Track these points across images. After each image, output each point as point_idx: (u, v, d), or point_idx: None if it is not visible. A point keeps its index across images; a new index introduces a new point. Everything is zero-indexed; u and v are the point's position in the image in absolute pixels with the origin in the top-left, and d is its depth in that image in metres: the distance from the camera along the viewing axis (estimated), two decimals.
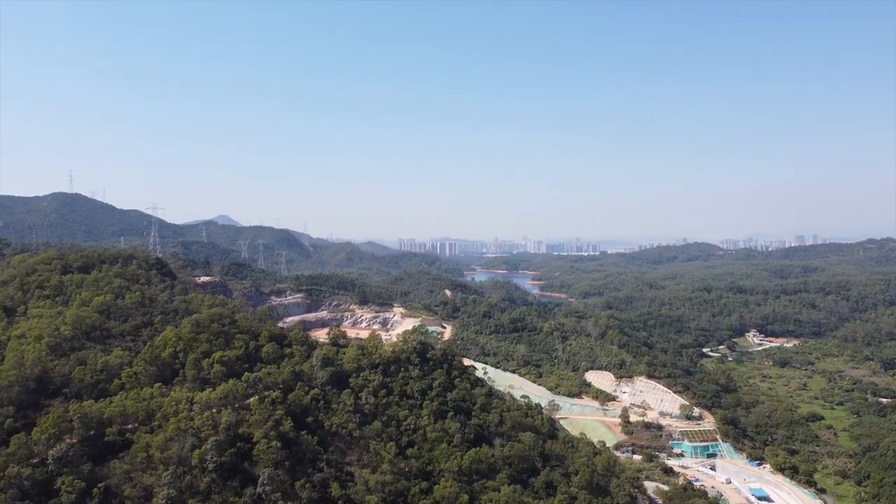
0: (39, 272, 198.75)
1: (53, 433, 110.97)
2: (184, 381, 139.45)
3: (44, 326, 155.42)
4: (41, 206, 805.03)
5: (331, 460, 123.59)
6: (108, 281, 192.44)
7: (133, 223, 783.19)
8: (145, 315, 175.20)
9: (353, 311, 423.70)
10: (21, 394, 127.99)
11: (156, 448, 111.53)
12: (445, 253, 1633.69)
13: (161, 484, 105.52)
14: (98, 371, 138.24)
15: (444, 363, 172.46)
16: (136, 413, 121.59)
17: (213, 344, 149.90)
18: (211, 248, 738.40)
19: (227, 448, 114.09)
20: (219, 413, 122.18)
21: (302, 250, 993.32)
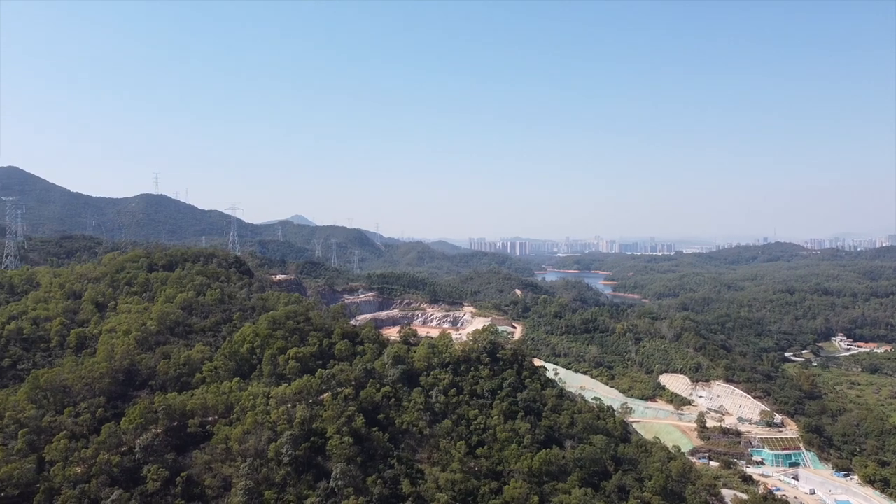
0: (128, 270, 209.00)
1: (140, 423, 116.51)
2: (260, 375, 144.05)
3: (132, 321, 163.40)
4: (130, 206, 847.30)
5: (401, 457, 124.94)
6: (191, 278, 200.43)
7: (213, 223, 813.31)
8: (225, 312, 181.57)
9: (423, 309, 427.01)
10: (111, 385, 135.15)
11: (234, 440, 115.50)
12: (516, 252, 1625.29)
13: (239, 475, 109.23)
14: (181, 365, 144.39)
15: (515, 363, 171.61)
16: (216, 406, 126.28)
17: (288, 340, 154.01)
18: (286, 247, 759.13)
19: (302, 442, 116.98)
20: (294, 408, 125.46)
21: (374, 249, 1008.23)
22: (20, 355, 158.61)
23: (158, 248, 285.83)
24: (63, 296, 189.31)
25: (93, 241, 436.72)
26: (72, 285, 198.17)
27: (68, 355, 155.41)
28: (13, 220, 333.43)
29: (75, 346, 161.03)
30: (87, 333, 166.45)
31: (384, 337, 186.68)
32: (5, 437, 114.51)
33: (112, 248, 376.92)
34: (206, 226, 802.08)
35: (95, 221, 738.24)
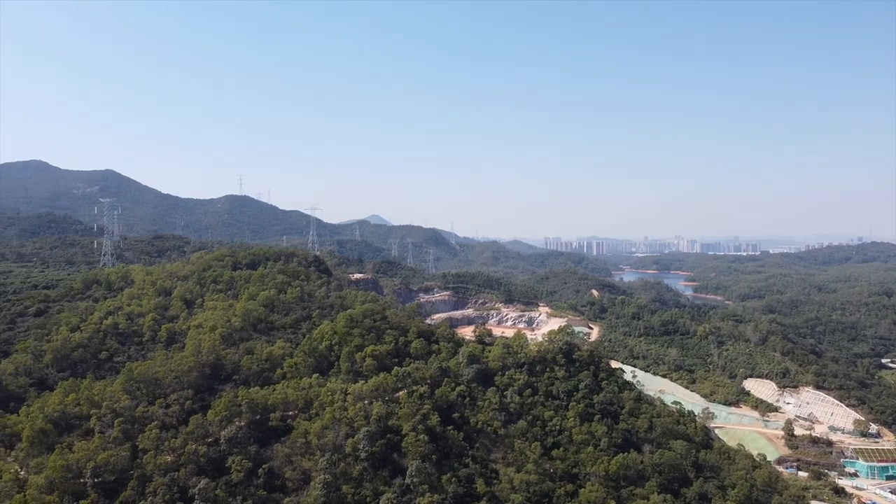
0: (214, 268, 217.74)
1: (225, 416, 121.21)
2: (338, 372, 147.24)
3: (217, 318, 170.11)
4: (216, 207, 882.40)
5: (476, 456, 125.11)
6: (273, 277, 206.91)
7: (294, 223, 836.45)
8: (304, 309, 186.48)
9: (498, 309, 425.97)
10: (198, 378, 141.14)
11: (313, 435, 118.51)
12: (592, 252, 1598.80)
13: (318, 469, 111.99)
14: (263, 360, 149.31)
15: (591, 365, 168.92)
16: (295, 401, 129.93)
17: (365, 338, 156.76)
18: (364, 247, 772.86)
19: (378, 439, 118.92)
20: (370, 405, 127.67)
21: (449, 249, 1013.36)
22: (116, 348, 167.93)
23: (242, 248, 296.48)
24: (155, 293, 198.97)
25: (182, 240, 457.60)
26: (163, 283, 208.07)
27: (159, 349, 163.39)
28: (110, 221, 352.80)
29: (166, 341, 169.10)
30: (176, 329, 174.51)
31: (459, 336, 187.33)
32: (103, 426, 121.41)
33: (199, 247, 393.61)
34: (287, 226, 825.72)
35: (184, 222, 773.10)
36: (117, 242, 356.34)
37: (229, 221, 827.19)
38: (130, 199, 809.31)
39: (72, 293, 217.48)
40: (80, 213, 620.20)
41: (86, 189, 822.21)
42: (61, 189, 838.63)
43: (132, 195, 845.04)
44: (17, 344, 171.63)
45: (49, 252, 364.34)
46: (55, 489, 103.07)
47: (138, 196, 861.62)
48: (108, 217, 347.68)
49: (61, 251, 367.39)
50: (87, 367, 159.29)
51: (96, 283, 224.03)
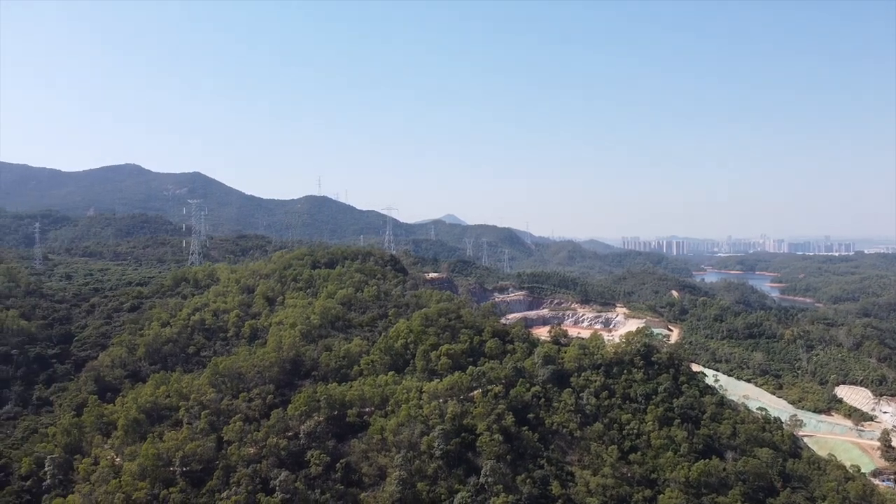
0: (294, 267, 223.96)
1: (304, 411, 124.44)
2: (414, 370, 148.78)
3: (297, 315, 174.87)
4: (296, 207, 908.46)
5: (551, 458, 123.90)
6: (350, 276, 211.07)
7: (371, 222, 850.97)
8: (381, 308, 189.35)
9: (574, 309, 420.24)
10: (279, 374, 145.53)
11: (389, 432, 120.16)
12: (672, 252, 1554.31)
13: (393, 465, 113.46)
14: (341, 357, 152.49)
15: (671, 367, 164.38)
16: (372, 398, 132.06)
17: (440, 337, 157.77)
18: (439, 246, 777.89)
19: (453, 437, 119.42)
20: (445, 403, 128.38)
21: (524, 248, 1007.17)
22: (203, 343, 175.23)
23: (321, 247, 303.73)
24: (238, 290, 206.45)
25: (264, 239, 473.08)
26: (246, 281, 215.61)
27: (243, 345, 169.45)
28: (198, 221, 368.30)
29: (249, 337, 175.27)
30: (258, 325, 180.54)
31: (534, 336, 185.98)
32: (191, 417, 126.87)
33: (280, 246, 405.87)
34: (363, 225, 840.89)
35: (266, 222, 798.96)
36: (204, 242, 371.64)
37: (308, 221, 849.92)
38: (216, 200, 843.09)
39: (162, 290, 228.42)
40: (170, 213, 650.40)
41: (175, 191, 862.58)
42: (153, 191, 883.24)
43: (218, 196, 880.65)
44: (113, 338, 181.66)
45: (142, 251, 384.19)
46: (147, 476, 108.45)
47: (223, 197, 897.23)
48: (195, 217, 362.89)
49: (153, 250, 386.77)
50: (177, 361, 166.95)
51: (185, 281, 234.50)
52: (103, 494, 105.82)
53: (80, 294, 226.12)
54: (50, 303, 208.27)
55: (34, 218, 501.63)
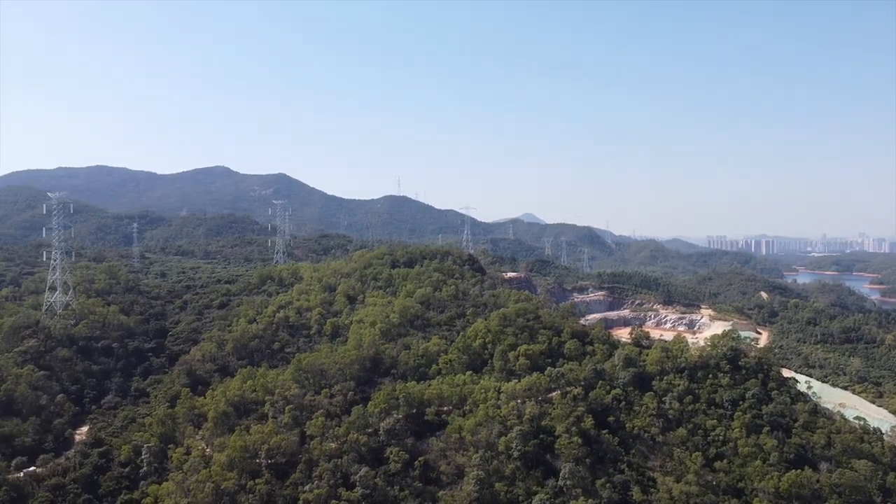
0: (374, 266, 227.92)
1: (384, 408, 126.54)
2: (492, 370, 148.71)
3: (377, 314, 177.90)
4: (376, 207, 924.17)
5: (632, 463, 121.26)
6: (429, 275, 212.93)
7: (449, 222, 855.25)
8: (459, 307, 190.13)
9: (656, 310, 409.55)
10: (359, 371, 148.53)
11: (467, 431, 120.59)
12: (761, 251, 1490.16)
13: (471, 465, 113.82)
14: (419, 356, 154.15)
15: (759, 372, 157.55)
16: (450, 397, 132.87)
17: (518, 337, 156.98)
18: (517, 245, 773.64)
19: (531, 438, 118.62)
20: (523, 404, 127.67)
21: (604, 248, 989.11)
22: (287, 340, 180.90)
23: (400, 246, 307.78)
24: (321, 289, 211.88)
25: (345, 239, 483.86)
26: (328, 279, 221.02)
27: (325, 342, 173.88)
28: (282, 221, 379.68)
29: (330, 334, 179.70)
30: (340, 323, 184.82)
31: (614, 338, 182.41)
32: (275, 412, 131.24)
33: (361, 245, 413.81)
34: (442, 224, 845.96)
35: (347, 221, 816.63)
36: (288, 241, 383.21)
37: (388, 221, 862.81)
38: (300, 200, 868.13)
39: (249, 288, 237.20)
40: (257, 213, 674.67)
41: (261, 191, 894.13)
42: (241, 192, 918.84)
43: (301, 197, 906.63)
44: (203, 333, 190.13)
45: (230, 250, 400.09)
46: (235, 467, 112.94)
47: (306, 197, 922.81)
48: (280, 217, 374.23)
49: (240, 249, 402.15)
50: (262, 357, 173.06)
51: (270, 279, 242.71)
52: (195, 483, 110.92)
53: (173, 291, 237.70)
54: (146, 299, 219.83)
55: (132, 218, 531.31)
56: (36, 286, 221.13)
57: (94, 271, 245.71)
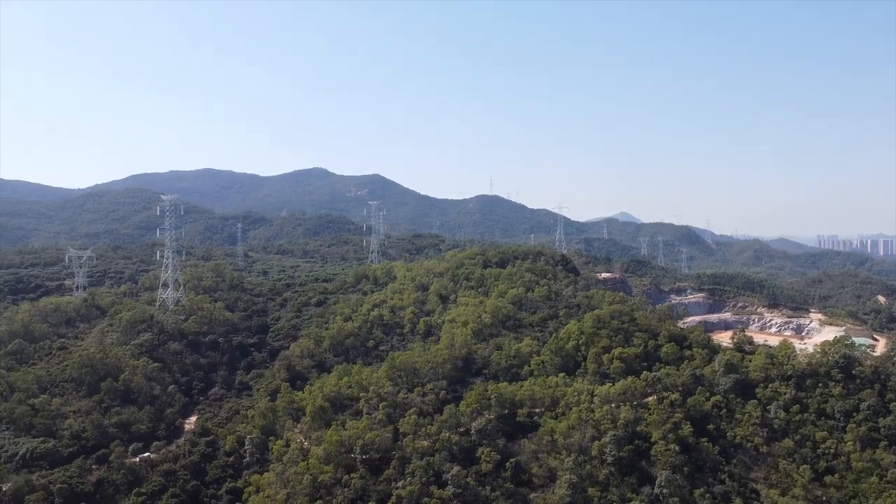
0: (466, 266, 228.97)
1: (476, 408, 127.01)
2: (585, 373, 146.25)
3: (469, 313, 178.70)
4: (468, 207, 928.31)
5: (733, 473, 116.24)
6: (521, 275, 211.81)
7: (541, 221, 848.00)
8: (551, 308, 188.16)
9: (760, 314, 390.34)
10: (451, 370, 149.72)
11: (559, 434, 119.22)
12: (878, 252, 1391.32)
13: (564, 468, 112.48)
14: (511, 357, 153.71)
15: (876, 382, 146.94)
16: (542, 398, 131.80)
17: (612, 340, 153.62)
18: (611, 245, 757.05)
19: (625, 444, 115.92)
20: (617, 408, 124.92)
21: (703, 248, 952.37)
22: (381, 338, 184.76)
23: (492, 246, 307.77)
24: (414, 288, 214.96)
25: (437, 238, 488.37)
26: (421, 279, 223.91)
27: (417, 340, 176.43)
28: (377, 221, 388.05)
29: (423, 333, 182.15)
30: (432, 322, 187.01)
31: (714, 342, 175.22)
32: (370, 408, 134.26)
33: (453, 245, 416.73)
34: (534, 224, 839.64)
35: (440, 221, 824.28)
36: (383, 241, 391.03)
37: (480, 220, 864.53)
38: (394, 200, 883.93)
39: (345, 286, 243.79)
40: (352, 213, 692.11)
41: (357, 192, 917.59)
42: (337, 192, 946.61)
43: (395, 197, 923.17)
44: (302, 330, 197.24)
45: (327, 249, 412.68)
46: (331, 461, 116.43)
47: (400, 198, 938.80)
48: (375, 218, 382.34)
49: (337, 248, 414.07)
50: (357, 354, 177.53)
51: (365, 278, 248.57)
52: (293, 475, 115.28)
53: (274, 289, 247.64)
54: (250, 296, 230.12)
55: (237, 219, 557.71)
56: (150, 283, 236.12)
57: (202, 269, 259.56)
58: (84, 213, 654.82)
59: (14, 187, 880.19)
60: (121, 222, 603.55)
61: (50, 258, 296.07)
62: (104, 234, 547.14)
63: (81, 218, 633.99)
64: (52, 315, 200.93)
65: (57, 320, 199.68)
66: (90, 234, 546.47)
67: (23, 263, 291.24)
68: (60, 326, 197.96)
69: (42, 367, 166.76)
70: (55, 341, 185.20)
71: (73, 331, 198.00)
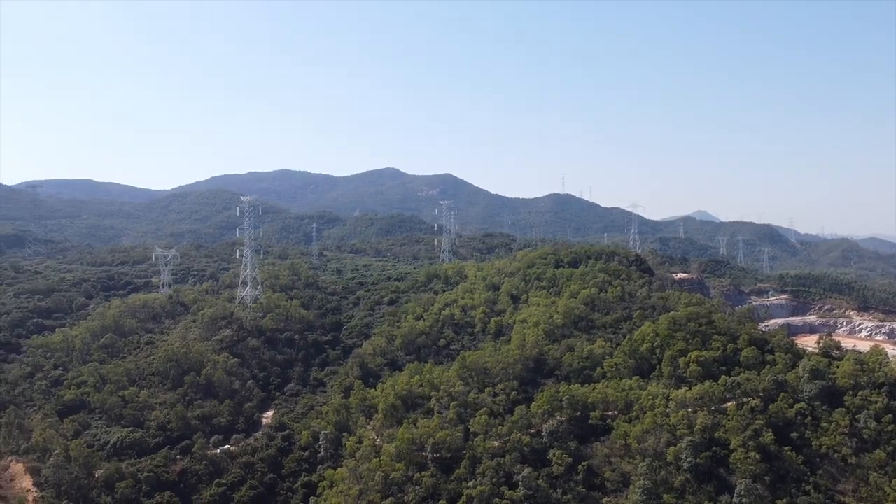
0: (537, 266, 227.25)
1: (547, 409, 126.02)
2: (660, 376, 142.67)
3: (540, 314, 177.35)
4: (539, 206, 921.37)
5: (819, 485, 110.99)
6: (593, 276, 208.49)
7: (615, 220, 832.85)
8: (625, 309, 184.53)
9: (849, 317, 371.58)
10: (522, 371, 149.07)
11: (633, 438, 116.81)
12: None
13: (637, 473, 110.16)
14: (583, 358, 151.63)
15: None
16: (615, 401, 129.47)
17: (689, 343, 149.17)
18: (688, 244, 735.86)
19: (702, 450, 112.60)
20: (694, 413, 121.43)
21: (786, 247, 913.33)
22: (452, 337, 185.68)
23: (564, 246, 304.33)
24: (485, 287, 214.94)
25: (508, 238, 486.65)
26: (491, 279, 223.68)
27: (488, 340, 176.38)
28: (448, 221, 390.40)
29: (494, 333, 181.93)
30: (503, 322, 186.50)
31: (798, 346, 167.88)
32: (441, 407, 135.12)
33: (524, 244, 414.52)
34: (607, 223, 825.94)
35: (511, 220, 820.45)
36: (453, 240, 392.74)
37: (552, 219, 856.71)
38: (465, 199, 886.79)
39: (416, 286, 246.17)
40: (423, 213, 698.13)
41: (428, 192, 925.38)
42: (409, 192, 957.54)
43: (466, 196, 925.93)
44: (374, 328, 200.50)
45: (399, 248, 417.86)
46: (403, 458, 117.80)
47: (471, 197, 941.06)
48: (446, 217, 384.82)
49: (408, 247, 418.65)
50: (429, 353, 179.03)
51: (436, 278, 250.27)
52: (366, 471, 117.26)
53: (347, 287, 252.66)
54: (324, 295, 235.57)
55: (312, 218, 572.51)
56: (230, 281, 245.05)
57: (278, 268, 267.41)
58: (169, 214, 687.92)
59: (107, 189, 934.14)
60: (203, 222, 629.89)
61: (138, 256, 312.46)
62: (188, 234, 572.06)
63: (167, 218, 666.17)
64: (140, 311, 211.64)
65: (144, 316, 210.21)
66: (175, 233, 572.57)
67: (114, 262, 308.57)
68: (148, 322, 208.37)
69: (131, 361, 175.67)
70: (143, 336, 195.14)
71: (159, 326, 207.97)
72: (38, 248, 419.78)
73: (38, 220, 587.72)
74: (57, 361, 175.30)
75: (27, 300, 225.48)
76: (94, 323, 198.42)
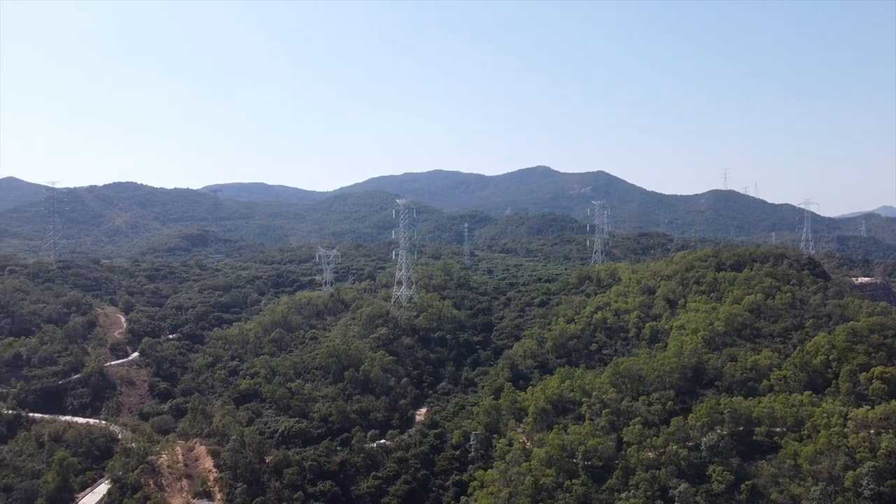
0: (696, 269, 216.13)
1: (706, 422, 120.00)
2: (836, 392, 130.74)
3: (699, 320, 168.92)
4: (699, 203, 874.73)
5: None
6: (759, 280, 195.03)
7: (784, 217, 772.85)
8: (795, 318, 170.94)
9: None
10: (679, 380, 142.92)
11: (804, 458, 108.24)
12: None
13: (809, 497, 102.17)
14: (747, 369, 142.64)
15: None
16: (783, 417, 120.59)
17: (871, 356, 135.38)
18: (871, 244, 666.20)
19: (888, 478, 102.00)
20: (878, 435, 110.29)
21: None
22: (604, 342, 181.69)
23: (726, 247, 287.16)
24: (639, 291, 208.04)
25: (665, 237, 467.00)
26: (646, 281, 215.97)
27: (643, 346, 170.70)
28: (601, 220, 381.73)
29: (649, 339, 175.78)
30: (659, 328, 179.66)
31: None
32: (592, 414, 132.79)
33: (682, 245, 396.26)
34: (775, 221, 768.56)
35: (667, 219, 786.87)
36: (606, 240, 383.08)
37: (713, 217, 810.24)
38: (618, 197, 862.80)
39: (568, 287, 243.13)
40: (575, 211, 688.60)
41: (580, 190, 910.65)
42: (560, 190, 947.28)
43: (620, 194, 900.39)
44: (525, 330, 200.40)
45: (550, 248, 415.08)
46: (553, 464, 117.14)
47: (625, 194, 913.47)
48: (598, 217, 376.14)
49: (559, 247, 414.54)
50: (580, 357, 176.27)
51: (588, 279, 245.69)
52: (516, 474, 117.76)
53: (498, 288, 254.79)
54: (475, 295, 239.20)
55: (463, 218, 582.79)
56: (386, 280, 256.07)
57: (432, 268, 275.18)
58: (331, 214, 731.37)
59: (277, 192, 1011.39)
60: (361, 222, 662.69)
61: (303, 255, 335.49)
62: (347, 233, 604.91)
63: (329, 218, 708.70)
64: (305, 308, 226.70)
65: (309, 312, 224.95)
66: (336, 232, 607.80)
67: (282, 260, 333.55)
68: (312, 318, 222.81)
69: (297, 355, 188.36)
70: (307, 332, 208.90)
71: (322, 322, 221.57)
72: (218, 246, 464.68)
73: (219, 220, 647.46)
74: (234, 353, 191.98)
75: (209, 295, 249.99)
76: (266, 318, 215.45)
